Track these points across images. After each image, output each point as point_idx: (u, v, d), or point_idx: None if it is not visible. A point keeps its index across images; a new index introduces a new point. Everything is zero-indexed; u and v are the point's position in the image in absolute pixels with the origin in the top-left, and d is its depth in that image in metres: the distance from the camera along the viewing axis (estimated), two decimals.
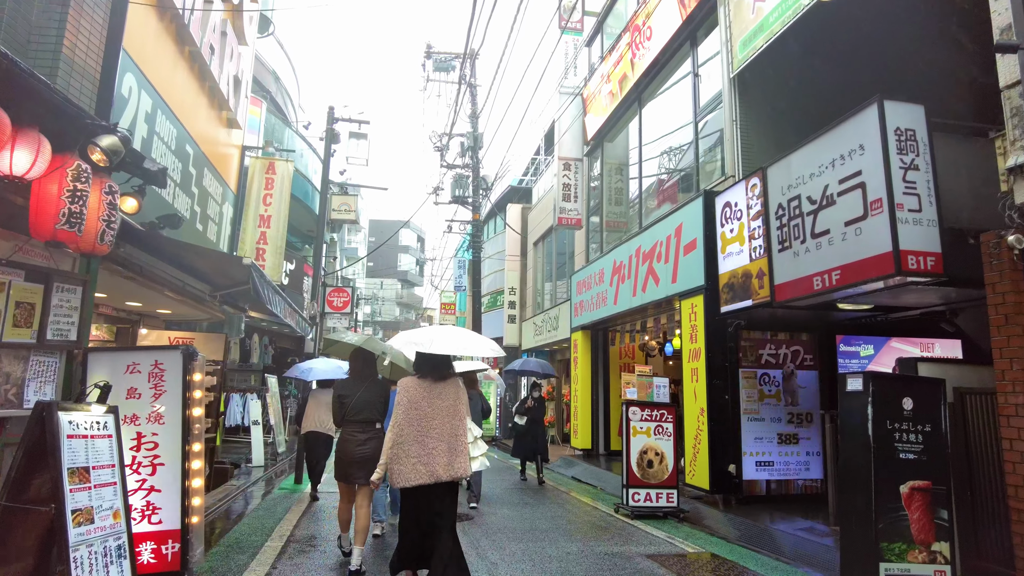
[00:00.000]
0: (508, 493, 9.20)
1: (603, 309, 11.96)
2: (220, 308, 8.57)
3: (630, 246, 10.86)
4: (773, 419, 8.06)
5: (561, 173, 14.02)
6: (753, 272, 7.24)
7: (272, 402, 12.63)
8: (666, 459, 7.79)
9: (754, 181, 7.28)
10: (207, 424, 8.38)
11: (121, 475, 3.36)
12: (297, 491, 8.80)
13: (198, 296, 6.89)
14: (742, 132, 8.53)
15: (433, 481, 3.98)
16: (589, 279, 12.97)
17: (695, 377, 8.35)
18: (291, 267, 16.36)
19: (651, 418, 7.87)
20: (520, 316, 21.28)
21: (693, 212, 8.67)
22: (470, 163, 20.67)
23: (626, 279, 10.91)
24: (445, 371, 4.31)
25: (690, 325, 8.56)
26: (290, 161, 9.92)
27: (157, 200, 6.04)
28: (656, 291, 9.69)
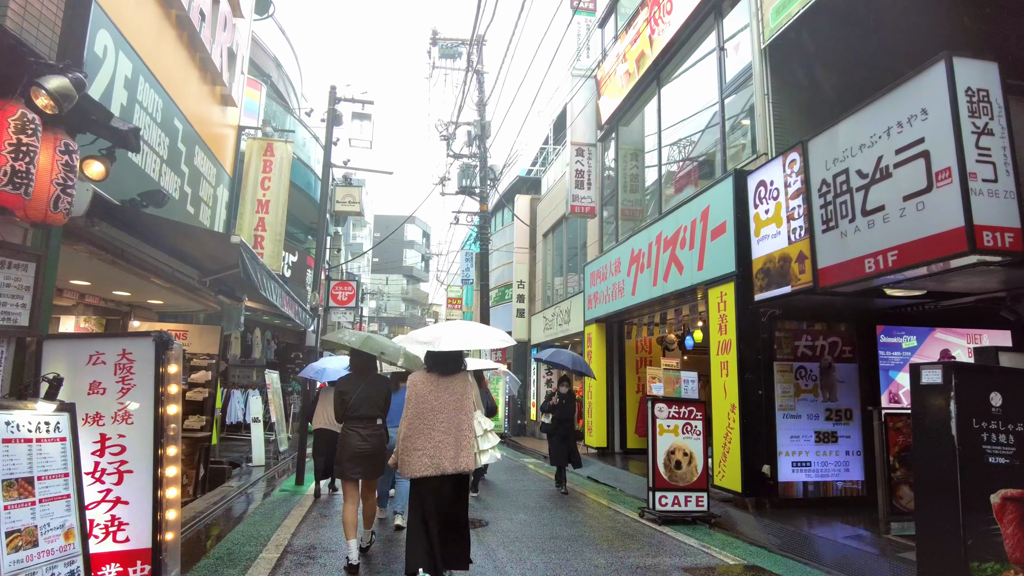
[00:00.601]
0: (522, 496, 8.64)
1: (620, 300, 11.37)
2: (215, 298, 8.02)
3: (649, 233, 10.25)
4: (810, 416, 7.46)
5: (574, 159, 13.41)
6: (792, 256, 6.63)
7: (274, 399, 12.10)
8: (695, 460, 7.21)
9: (793, 157, 6.67)
10: (200, 422, 7.85)
11: (77, 486, 2.80)
12: (298, 492, 8.26)
13: (188, 284, 6.34)
14: (774, 107, 7.91)
15: (439, 473, 4.07)
16: (604, 269, 12.37)
17: (725, 371, 7.75)
18: (294, 259, 15.84)
19: (679, 415, 7.28)
20: (529, 310, 20.70)
21: (721, 194, 8.06)
22: (477, 152, 20.09)
23: (645, 268, 10.31)
24: (452, 366, 4.36)
25: (719, 315, 7.96)
26: (289, 142, 9.35)
27: (139, 175, 5.49)
28: (680, 280, 9.09)
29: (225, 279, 6.48)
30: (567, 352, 10.35)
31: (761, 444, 7.32)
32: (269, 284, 5.40)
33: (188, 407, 7.97)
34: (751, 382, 7.43)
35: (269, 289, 5.31)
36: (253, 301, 7.81)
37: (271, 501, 7.61)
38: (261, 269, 5.01)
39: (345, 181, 21.33)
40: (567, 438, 9.06)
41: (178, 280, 6.20)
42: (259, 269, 4.92)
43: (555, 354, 9.87)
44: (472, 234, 27.04)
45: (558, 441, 9.03)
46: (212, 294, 7.86)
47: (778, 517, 6.85)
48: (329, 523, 6.43)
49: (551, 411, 9.17)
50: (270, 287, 5.38)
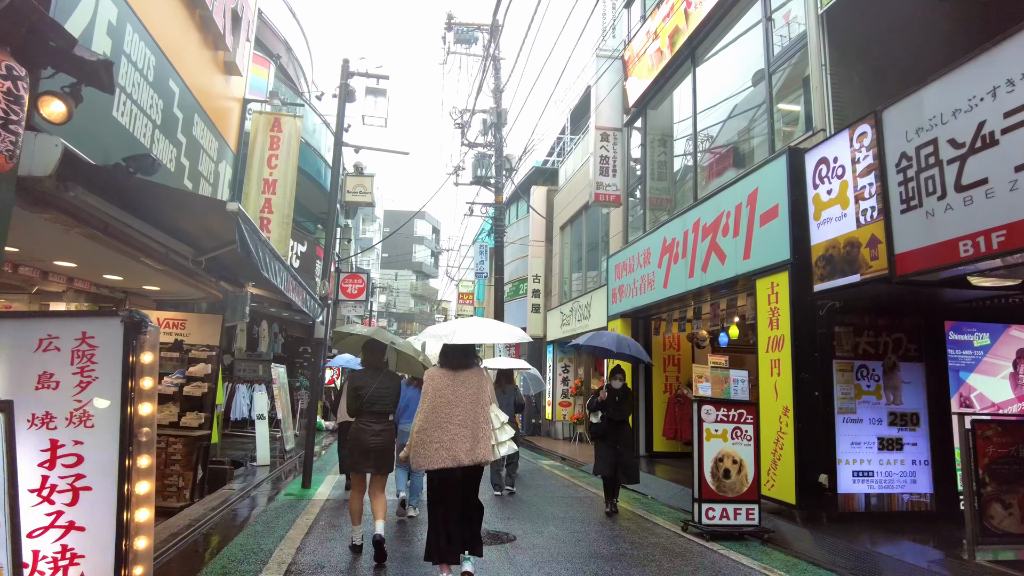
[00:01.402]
0: (547, 504, 7.92)
1: (649, 294, 10.62)
2: (216, 284, 7.36)
3: (685, 220, 9.50)
4: (872, 420, 6.70)
5: (598, 144, 12.67)
6: (862, 240, 5.88)
7: (280, 394, 11.46)
8: (745, 468, 6.47)
9: (863, 129, 5.91)
10: (199, 420, 7.19)
11: (10, 508, 2.12)
12: (305, 497, 7.59)
13: (183, 266, 5.66)
14: (833, 79, 7.14)
15: (455, 465, 4.14)
16: (631, 261, 11.63)
17: (776, 370, 7.01)
18: (303, 249, 15.20)
19: (728, 419, 6.54)
20: (545, 305, 19.98)
21: (773, 174, 7.31)
22: (492, 141, 19.37)
23: (680, 258, 9.56)
24: (467, 360, 4.44)
25: (769, 308, 7.21)
26: (299, 117, 8.65)
27: (125, 139, 4.82)
28: (722, 270, 8.34)
29: (223, 259, 5.81)
30: (611, 334, 8.62)
31: (818, 451, 6.57)
32: (273, 265, 4.72)
33: (186, 403, 7.33)
34: (807, 382, 6.69)
35: (273, 270, 4.63)
36: (257, 288, 7.15)
37: (275, 507, 6.94)
38: (263, 246, 4.33)
39: (356, 171, 20.68)
40: (620, 444, 7.37)
41: (172, 261, 5.52)
42: (261, 245, 4.24)
43: (594, 337, 8.24)
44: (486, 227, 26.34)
45: (606, 448, 7.38)
46: (212, 280, 7.19)
47: (838, 533, 6.11)
48: (339, 534, 5.74)
49: (600, 409, 7.46)
50: (274, 268, 4.70)
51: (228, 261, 6.03)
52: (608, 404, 7.42)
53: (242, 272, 6.77)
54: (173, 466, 6.95)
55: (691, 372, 12.28)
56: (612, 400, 7.42)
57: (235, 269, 6.74)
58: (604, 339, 8.18)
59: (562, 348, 18.52)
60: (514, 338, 5.03)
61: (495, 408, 4.44)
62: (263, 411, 10.77)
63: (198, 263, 5.12)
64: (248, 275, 6.78)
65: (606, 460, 7.37)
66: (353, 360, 9.13)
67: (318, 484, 8.53)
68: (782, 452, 6.82)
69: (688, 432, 11.13)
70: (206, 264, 5.75)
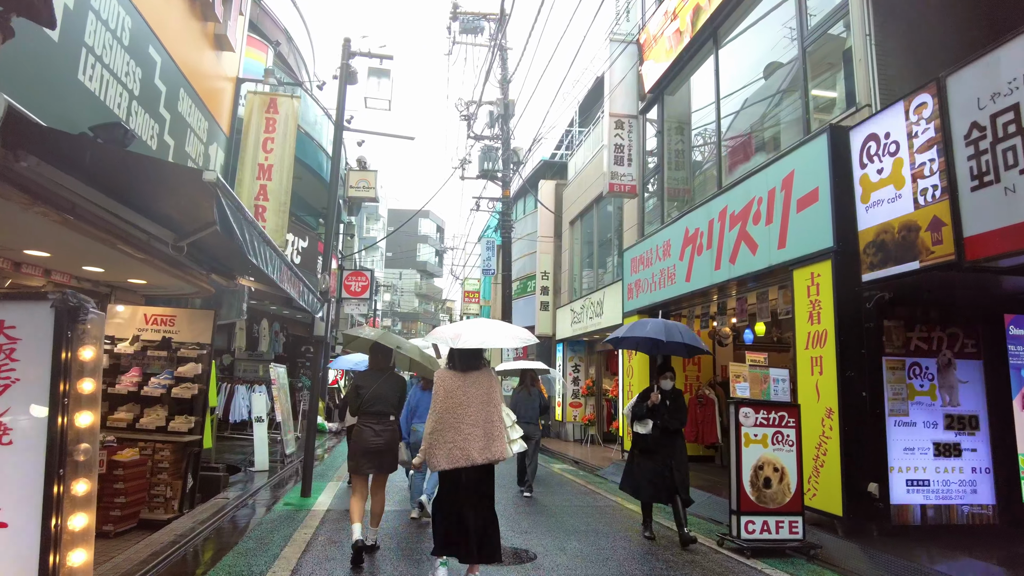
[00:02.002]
0: (566, 514, 7.33)
1: (669, 288, 10.01)
2: (207, 277, 6.79)
3: (710, 209, 8.89)
4: (927, 423, 6.09)
5: (612, 132, 12.06)
6: (921, 223, 5.26)
7: (280, 396, 10.89)
8: (787, 476, 5.86)
9: (922, 99, 5.30)
10: (188, 424, 6.62)
11: None
12: (304, 507, 7.01)
13: (165, 254, 5.09)
14: (878, 50, 6.52)
15: (469, 464, 4.18)
16: (648, 254, 11.02)
17: (817, 368, 6.40)
18: (304, 244, 14.65)
19: (768, 422, 5.93)
20: (554, 303, 19.38)
21: (812, 155, 6.70)
22: (499, 134, 18.79)
23: (704, 250, 8.95)
24: (475, 362, 4.48)
25: (808, 301, 6.60)
26: (296, 97, 8.05)
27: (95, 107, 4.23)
28: (752, 261, 7.73)
29: (210, 246, 5.23)
30: (656, 321, 6.90)
31: (866, 457, 5.96)
32: (263, 250, 4.14)
33: (175, 406, 6.76)
34: (853, 381, 6.07)
35: (263, 256, 4.05)
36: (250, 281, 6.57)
37: (271, 519, 6.36)
38: (250, 227, 3.75)
39: (360, 165, 20.11)
40: (674, 459, 5.97)
41: (153, 249, 4.95)
42: (247, 226, 3.67)
43: (636, 327, 6.56)
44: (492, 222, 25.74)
45: (652, 465, 5.97)
46: (202, 272, 6.62)
47: (891, 549, 5.50)
48: (339, 552, 5.16)
49: (651, 416, 6.03)
50: (264, 254, 4.12)
51: (215, 249, 5.45)
52: (660, 410, 5.98)
53: (234, 263, 6.20)
54: (160, 475, 6.38)
55: (712, 372, 11.71)
56: (664, 405, 6.03)
57: (226, 259, 6.17)
58: (648, 328, 6.46)
59: (572, 347, 17.93)
60: (520, 341, 4.95)
61: (505, 407, 4.52)
62: (262, 413, 10.21)
63: (179, 249, 4.54)
64: (240, 266, 6.20)
65: (649, 479, 5.97)
66: (357, 361, 9.37)
67: (319, 492, 7.96)
68: (825, 458, 6.21)
69: (711, 435, 10.53)
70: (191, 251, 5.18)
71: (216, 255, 5.94)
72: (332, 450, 13.99)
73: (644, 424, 6.10)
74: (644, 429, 6.10)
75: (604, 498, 8.43)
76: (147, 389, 6.65)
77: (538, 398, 8.65)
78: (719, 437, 10.41)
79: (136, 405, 6.69)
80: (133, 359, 6.88)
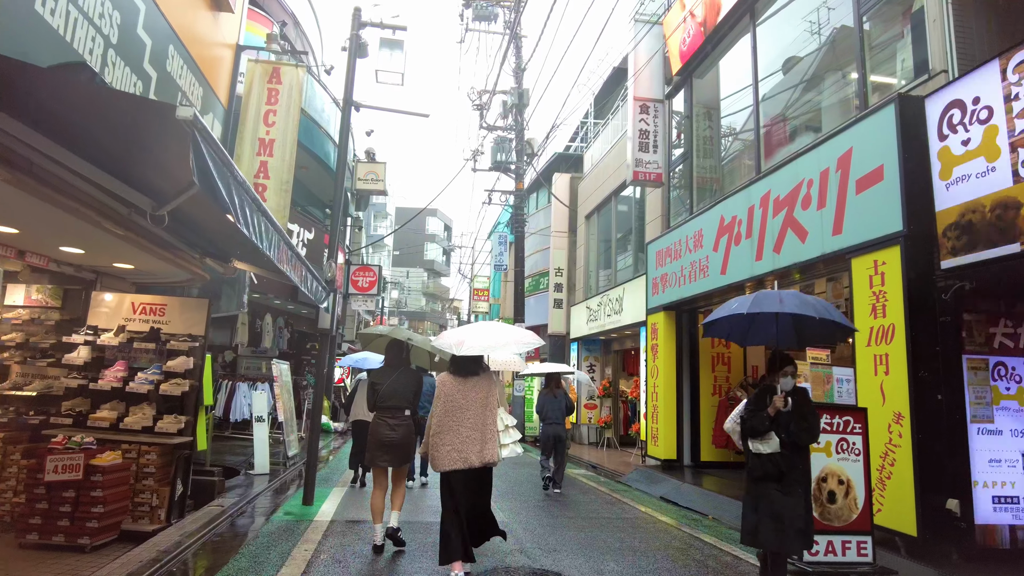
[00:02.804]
0: (595, 527, 6.63)
1: (702, 282, 9.29)
2: (200, 261, 6.14)
3: (750, 194, 8.18)
4: (1016, 432, 5.36)
5: (637, 117, 11.36)
6: (1022, 199, 4.54)
7: (282, 394, 10.23)
8: (853, 490, 5.15)
9: (1021, 57, 4.57)
10: (178, 424, 5.96)
11: None
12: (306, 516, 6.35)
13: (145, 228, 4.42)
14: (955, 8, 5.80)
15: (466, 467, 4.32)
16: (676, 246, 10.31)
17: (882, 367, 5.68)
18: (310, 236, 14.03)
19: (831, 428, 5.22)
20: (568, 300, 18.68)
21: (875, 129, 5.98)
22: (513, 125, 18.10)
23: (743, 239, 8.23)
24: (473, 368, 4.58)
25: (871, 292, 5.88)
26: (301, 66, 7.34)
27: (55, 45, 3.52)
28: (801, 249, 7.01)
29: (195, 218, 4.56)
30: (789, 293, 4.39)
31: (944, 469, 5.24)
32: (256, 220, 3.47)
33: (163, 404, 6.10)
34: (927, 382, 5.35)
35: (254, 227, 3.38)
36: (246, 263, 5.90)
37: (268, 532, 5.69)
38: (239, 187, 3.07)
39: (368, 157, 19.48)
40: (803, 486, 4.17)
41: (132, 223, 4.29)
42: (235, 185, 2.99)
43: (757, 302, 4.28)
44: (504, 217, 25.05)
45: (777, 496, 4.03)
46: (195, 255, 5.97)
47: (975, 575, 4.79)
48: (345, 572, 4.48)
49: (777, 428, 4.12)
50: (256, 224, 3.45)
51: (205, 224, 4.78)
52: (782, 419, 4.09)
53: (228, 243, 5.53)
54: (145, 480, 5.72)
55: (743, 372, 10.98)
56: (788, 411, 4.11)
57: (219, 239, 5.50)
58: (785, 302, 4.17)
59: (587, 346, 17.21)
60: (525, 346, 4.94)
61: (501, 411, 4.61)
62: (263, 413, 9.56)
63: (159, 220, 3.87)
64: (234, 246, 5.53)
65: (773, 517, 4.00)
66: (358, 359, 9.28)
67: (323, 499, 7.29)
68: (892, 469, 5.49)
69: None
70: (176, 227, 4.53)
71: (206, 232, 5.28)
72: (337, 451, 13.34)
73: (767, 441, 4.13)
74: (769, 447, 4.12)
75: (632, 509, 7.73)
76: (133, 385, 5.99)
77: (564, 399, 8.72)
78: None
79: (120, 403, 6.03)
80: (118, 352, 6.22)
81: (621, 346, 16.53)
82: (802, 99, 8.42)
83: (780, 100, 8.77)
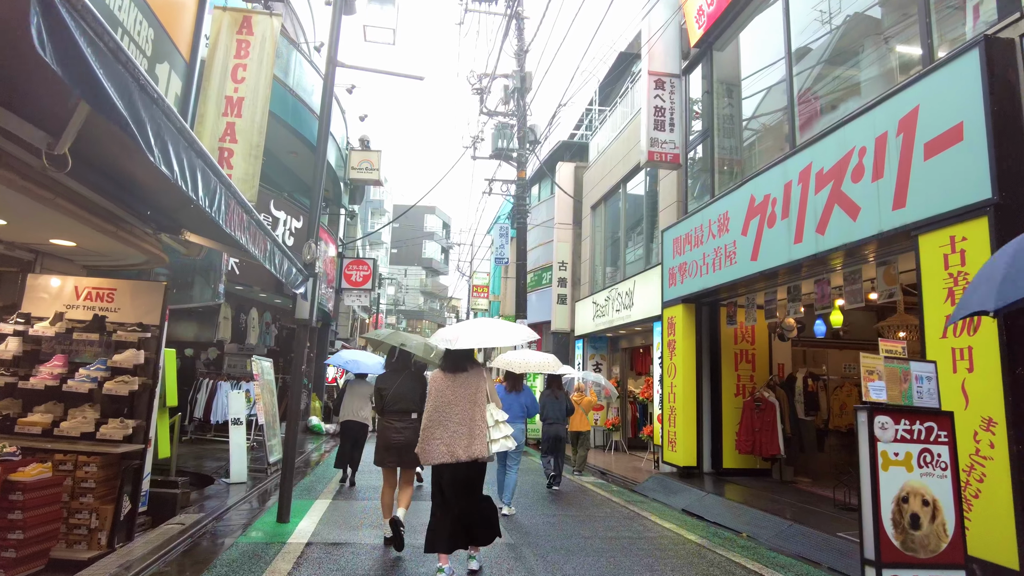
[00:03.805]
0: (619, 550, 5.70)
1: (728, 270, 8.37)
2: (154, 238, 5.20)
3: (785, 169, 7.25)
4: None
5: (652, 93, 10.43)
6: None
7: (263, 394, 9.30)
8: (941, 512, 4.21)
9: None
10: (125, 429, 5.02)
11: None
12: (279, 538, 5.41)
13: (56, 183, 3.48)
14: None
15: (453, 461, 4.41)
16: (696, 232, 9.38)
17: (964, 363, 4.76)
18: (298, 225, 13.09)
19: (912, 436, 4.28)
20: (572, 295, 17.75)
21: (951, 80, 5.05)
22: (515, 110, 17.16)
23: (778, 220, 7.31)
24: (463, 364, 4.71)
25: (946, 274, 4.96)
26: (277, 15, 6.40)
27: None
28: (851, 228, 6.09)
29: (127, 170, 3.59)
30: None
31: None
32: (187, 158, 2.54)
33: (109, 405, 5.16)
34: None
35: (180, 165, 2.44)
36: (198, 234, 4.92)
37: (228, 561, 4.74)
38: (145, 97, 2.13)
39: (362, 145, 18.55)
40: None
41: (32, 171, 3.34)
42: (140, 93, 2.06)
43: None
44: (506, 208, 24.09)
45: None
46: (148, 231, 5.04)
47: None
48: None
49: None
50: (187, 163, 2.52)
51: (145, 179, 3.83)
52: None
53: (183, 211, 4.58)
54: (83, 498, 4.79)
55: (768, 371, 10.07)
56: None
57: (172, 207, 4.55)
58: None
59: (593, 343, 16.28)
60: (521, 339, 5.14)
61: (492, 407, 4.65)
62: (240, 415, 8.62)
63: (60, 160, 2.90)
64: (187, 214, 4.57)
65: None
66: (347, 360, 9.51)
67: (302, 514, 6.36)
68: (981, 486, 4.57)
69: (771, 445, 8.87)
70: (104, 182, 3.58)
71: (154, 198, 4.33)
72: (327, 455, 12.40)
73: None
74: None
75: (654, 525, 6.80)
76: (72, 383, 5.06)
77: (564, 401, 8.92)
78: (781, 448, 8.76)
79: (58, 404, 5.10)
80: (56, 344, 5.29)
81: (630, 343, 15.61)
82: (847, 61, 7.50)
83: (816, 69, 7.84)
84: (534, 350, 16.46)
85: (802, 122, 7.68)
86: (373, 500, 7.43)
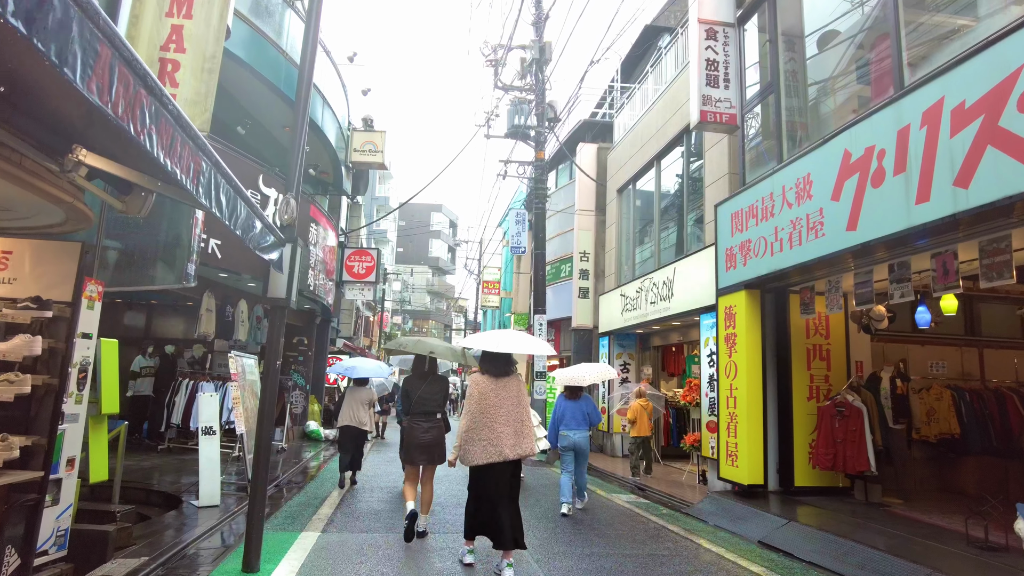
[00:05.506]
0: None
1: (811, 245, 6.77)
2: (66, 179, 3.65)
3: (899, 112, 5.64)
4: None
5: (703, 44, 8.86)
6: None
7: (243, 397, 7.77)
8: None
9: None
10: (8, 451, 3.49)
11: None
12: None
13: None
14: None
15: (500, 460, 4.61)
16: (762, 204, 7.80)
17: None
18: None
19: None
20: (595, 288, 16.17)
21: None
22: (533, 84, 15.62)
23: (887, 176, 5.71)
24: (507, 368, 4.96)
25: None
26: None
27: None
28: (1016, 175, 4.49)
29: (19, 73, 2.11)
30: None
31: None
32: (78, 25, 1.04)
33: None
34: None
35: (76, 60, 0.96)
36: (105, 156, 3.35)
37: None
38: None
39: (365, 125, 17.06)
40: None
41: None
42: None
43: None
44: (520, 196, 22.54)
45: None
46: (51, 165, 3.50)
47: None
48: None
49: None
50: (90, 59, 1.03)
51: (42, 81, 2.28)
52: None
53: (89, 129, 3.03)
54: None
55: (845, 371, 8.47)
56: None
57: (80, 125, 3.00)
58: None
59: (620, 341, 14.69)
60: (542, 351, 6.04)
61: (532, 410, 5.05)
62: (212, 423, 7.12)
63: None
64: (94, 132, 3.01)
65: None
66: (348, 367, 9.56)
67: (279, 555, 4.83)
68: None
69: (859, 460, 7.26)
70: None
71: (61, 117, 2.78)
72: (326, 465, 10.89)
73: None
74: None
75: (730, 563, 5.22)
76: None
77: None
78: (872, 463, 7.17)
79: None
80: None
81: (664, 340, 14.02)
82: None
83: None
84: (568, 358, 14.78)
85: (909, 57, 6.09)
86: (374, 532, 5.90)
